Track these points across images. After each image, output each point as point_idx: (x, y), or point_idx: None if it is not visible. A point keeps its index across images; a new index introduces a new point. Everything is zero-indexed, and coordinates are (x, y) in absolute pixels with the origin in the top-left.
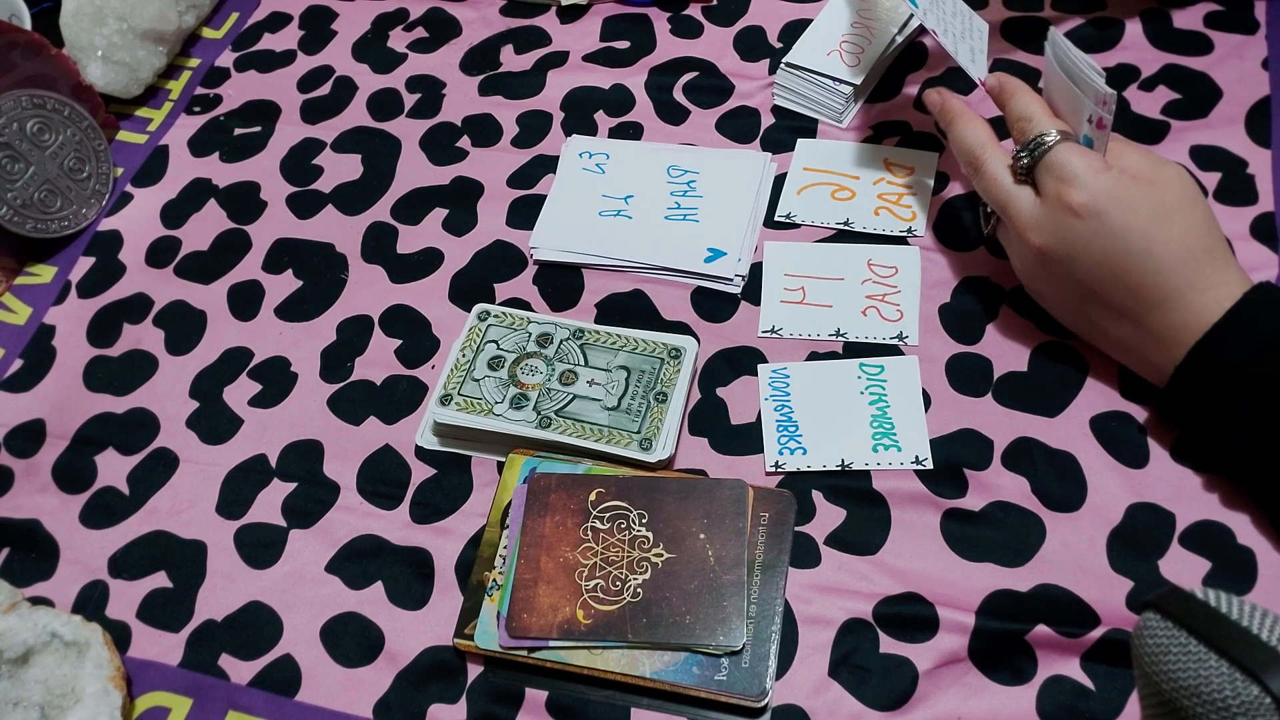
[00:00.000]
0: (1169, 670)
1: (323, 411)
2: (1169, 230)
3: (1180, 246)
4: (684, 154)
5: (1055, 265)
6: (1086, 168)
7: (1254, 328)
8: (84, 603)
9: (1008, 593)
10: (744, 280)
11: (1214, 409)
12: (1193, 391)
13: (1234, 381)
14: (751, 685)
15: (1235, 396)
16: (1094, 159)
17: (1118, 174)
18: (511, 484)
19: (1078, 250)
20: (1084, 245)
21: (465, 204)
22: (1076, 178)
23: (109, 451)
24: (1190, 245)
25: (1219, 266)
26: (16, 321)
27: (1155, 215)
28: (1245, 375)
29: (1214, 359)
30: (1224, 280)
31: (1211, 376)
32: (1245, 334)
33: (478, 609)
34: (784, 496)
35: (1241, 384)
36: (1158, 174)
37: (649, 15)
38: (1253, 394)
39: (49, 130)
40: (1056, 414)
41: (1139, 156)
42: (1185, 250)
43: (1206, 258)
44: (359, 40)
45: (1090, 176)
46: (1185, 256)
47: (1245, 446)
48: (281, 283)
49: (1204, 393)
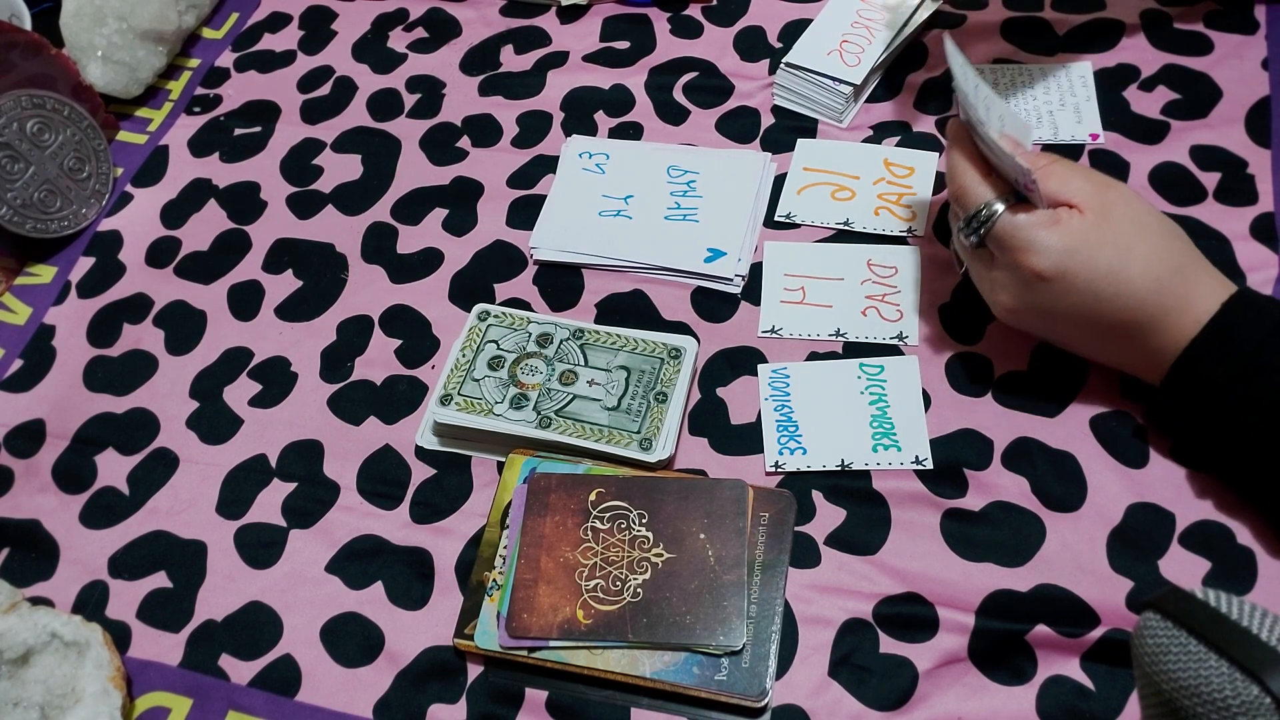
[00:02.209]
0: (1169, 670)
1: (323, 411)
2: (1133, 266)
3: (1147, 277)
4: (684, 154)
5: (1029, 318)
6: (1038, 231)
7: (1232, 343)
8: (84, 603)
9: (1008, 593)
10: (744, 280)
11: (1200, 422)
12: (1178, 404)
13: (1218, 396)
14: (751, 685)
15: (1219, 410)
16: (1041, 219)
17: (1067, 224)
18: (511, 484)
19: (1049, 306)
20: (1054, 302)
21: (465, 204)
22: (1031, 244)
23: (109, 451)
24: (1157, 273)
25: (1192, 283)
26: (16, 321)
27: (1117, 255)
28: (1229, 390)
29: (1197, 374)
30: (1201, 295)
31: (1195, 393)
32: (1223, 350)
33: (478, 609)
34: (784, 496)
35: (1225, 398)
36: (1105, 202)
37: (649, 15)
38: (1237, 407)
39: (49, 130)
40: (1056, 414)
41: (1081, 183)
42: (1153, 279)
43: (1177, 279)
44: (359, 40)
45: (1044, 240)
46: (1155, 285)
47: (1234, 458)
48: (281, 283)
49: (1190, 406)
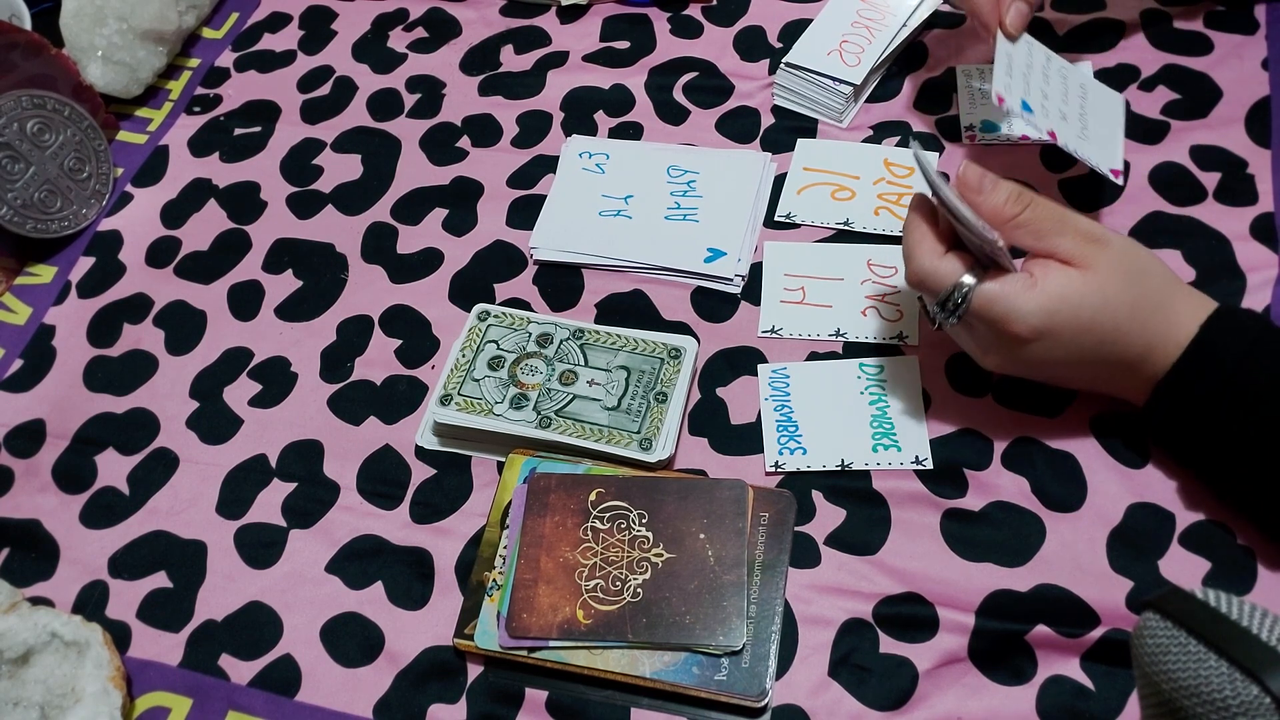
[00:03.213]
0: (1169, 670)
1: (323, 411)
2: (1119, 314)
3: (1133, 321)
4: (684, 154)
5: (1020, 370)
6: (1015, 300)
7: (1214, 360)
8: (84, 603)
9: (1008, 593)
10: (744, 280)
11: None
12: (1166, 427)
13: (1202, 414)
14: (751, 685)
15: (1206, 427)
16: (1016, 285)
17: (1044, 285)
18: (511, 484)
19: (1038, 359)
20: (1039, 358)
21: (465, 204)
22: (1010, 313)
23: (109, 451)
24: (1142, 317)
25: (1172, 313)
26: (16, 321)
27: (1101, 306)
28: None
29: (1179, 395)
30: (1184, 319)
31: (1181, 412)
32: (1206, 368)
33: (478, 609)
34: (784, 496)
35: (1210, 415)
36: (1086, 255)
37: (649, 15)
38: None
39: (49, 130)
40: (1056, 414)
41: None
42: (1138, 324)
43: (1159, 316)
44: (359, 40)
45: (1023, 306)
46: (1139, 328)
47: (1224, 471)
48: (281, 283)
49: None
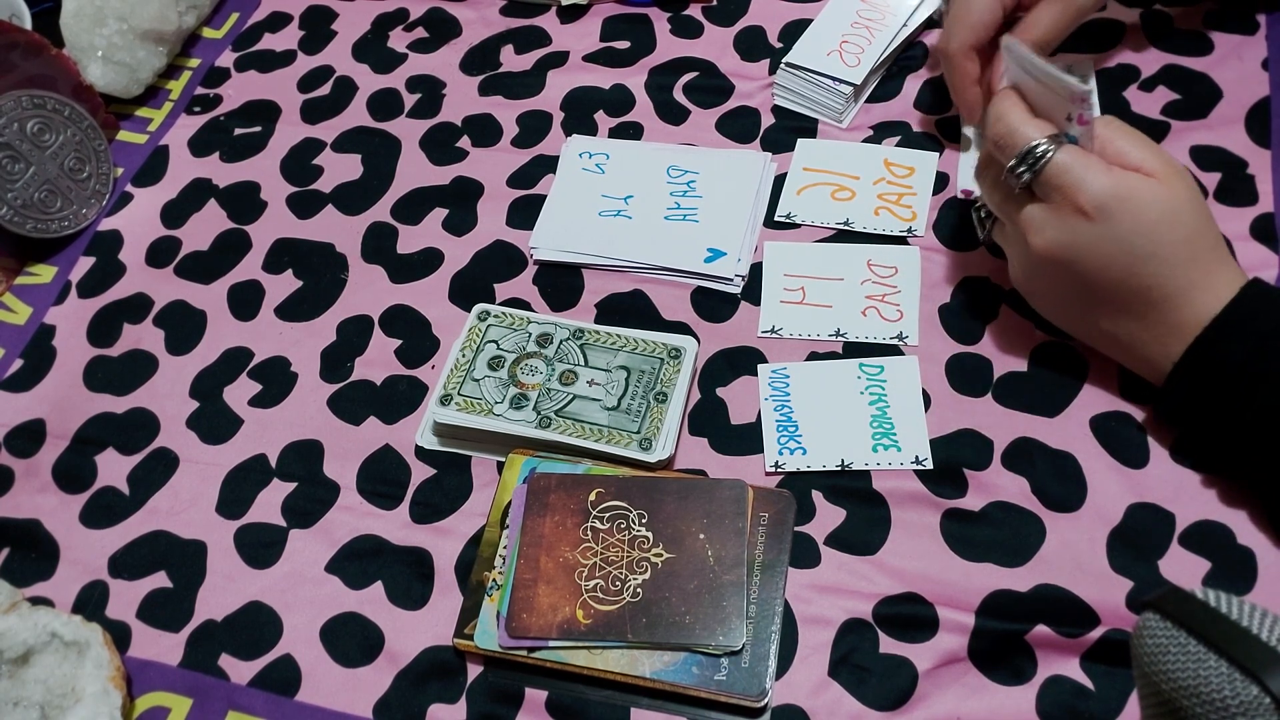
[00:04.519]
0: (1168, 670)
1: (323, 411)
2: (1176, 233)
3: (1186, 248)
4: (684, 154)
5: (1058, 267)
6: (1091, 170)
7: (1251, 324)
8: (84, 603)
9: (1007, 593)
10: (744, 280)
11: (1212, 406)
12: (1191, 388)
13: (1232, 378)
14: (751, 685)
15: (1233, 393)
16: (1094, 161)
17: (1123, 175)
18: (511, 484)
19: (1084, 252)
20: (1090, 247)
21: (465, 204)
22: (1083, 181)
23: (109, 451)
24: (1195, 247)
25: (1221, 266)
26: (16, 321)
27: (1162, 217)
28: (1243, 371)
29: (1212, 355)
30: (1225, 280)
31: (1210, 373)
32: (1242, 330)
33: (478, 609)
34: (784, 496)
35: (1239, 380)
36: (1160, 169)
37: (649, 15)
38: (1251, 390)
39: (49, 130)
40: (1056, 414)
41: (1137, 148)
42: (1190, 252)
43: (1211, 257)
44: (359, 40)
45: (1097, 179)
46: (1190, 258)
47: (1244, 444)
48: (281, 283)
49: (1202, 390)
